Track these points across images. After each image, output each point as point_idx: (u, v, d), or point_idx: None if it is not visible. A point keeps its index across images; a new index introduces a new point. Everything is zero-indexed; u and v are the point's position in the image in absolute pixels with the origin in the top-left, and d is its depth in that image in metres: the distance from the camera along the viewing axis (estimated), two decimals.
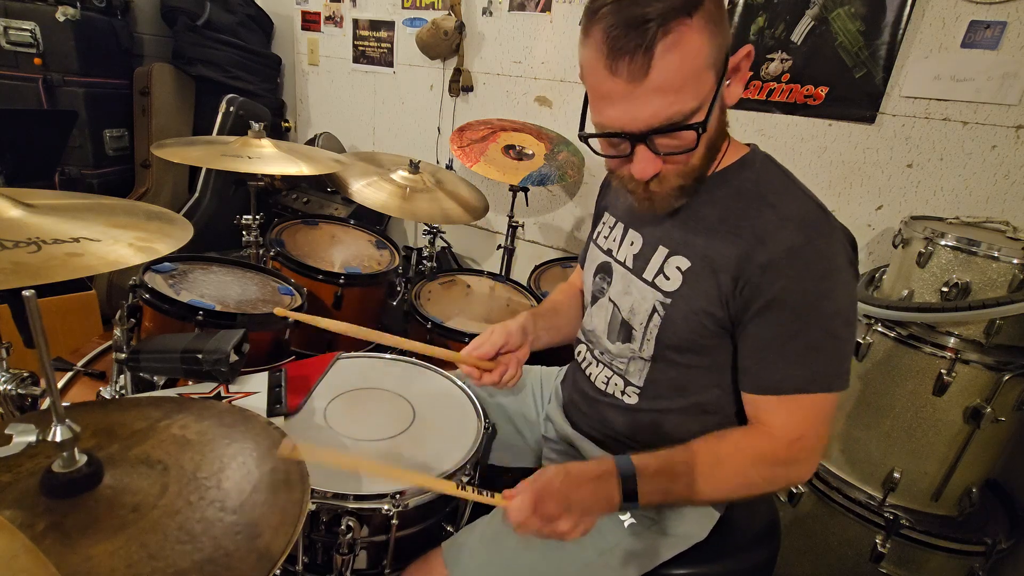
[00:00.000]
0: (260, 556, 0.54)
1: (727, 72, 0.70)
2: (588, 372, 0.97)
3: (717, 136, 0.75)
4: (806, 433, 0.74)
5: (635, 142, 0.70)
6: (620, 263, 0.90)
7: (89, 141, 2.35)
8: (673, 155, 0.71)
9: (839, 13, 1.55)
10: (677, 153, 0.70)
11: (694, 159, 0.73)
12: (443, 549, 0.88)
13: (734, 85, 0.73)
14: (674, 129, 0.67)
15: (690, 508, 0.91)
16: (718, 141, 0.76)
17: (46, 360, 0.57)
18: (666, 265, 0.81)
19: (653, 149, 0.70)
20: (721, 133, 0.76)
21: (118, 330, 1.04)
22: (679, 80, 0.64)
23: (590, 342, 0.97)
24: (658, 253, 0.83)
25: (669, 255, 0.81)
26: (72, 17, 2.15)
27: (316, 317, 0.95)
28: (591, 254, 0.99)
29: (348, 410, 1.02)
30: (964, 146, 1.47)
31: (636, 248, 0.87)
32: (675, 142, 0.70)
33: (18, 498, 0.57)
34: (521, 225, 2.09)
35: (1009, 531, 1.32)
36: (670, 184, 0.75)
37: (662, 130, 0.67)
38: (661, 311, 0.81)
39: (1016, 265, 1.14)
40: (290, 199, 2.58)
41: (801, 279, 0.71)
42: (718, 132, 0.75)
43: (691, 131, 0.67)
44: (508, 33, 2.23)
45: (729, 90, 0.72)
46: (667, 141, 0.70)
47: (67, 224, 0.74)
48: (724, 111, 0.75)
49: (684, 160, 0.72)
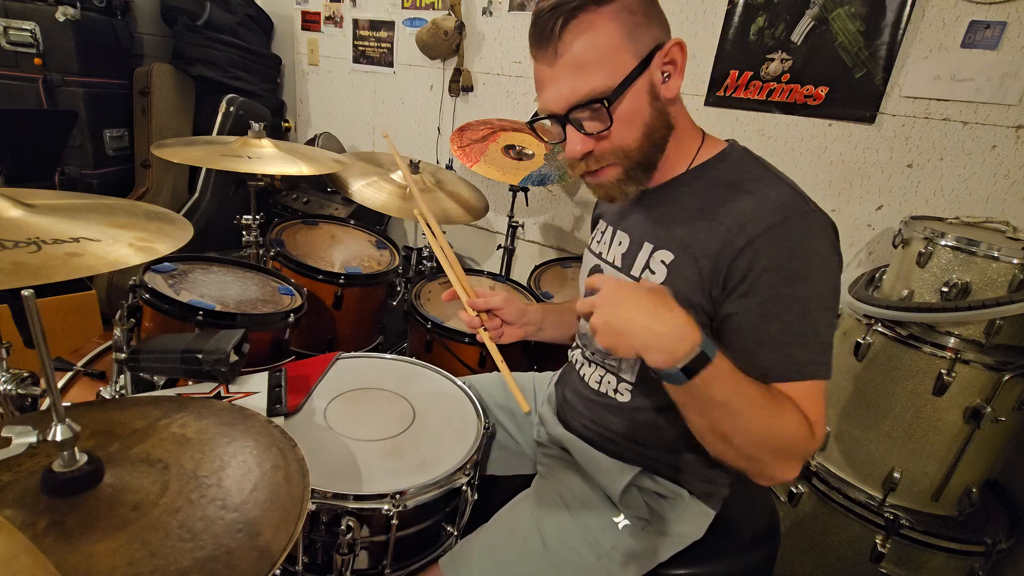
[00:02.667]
0: (261, 554, 0.54)
1: (657, 62, 0.74)
2: (582, 373, 0.97)
3: (656, 123, 0.77)
4: (819, 417, 0.70)
5: (563, 123, 0.76)
6: (609, 263, 0.91)
7: (89, 141, 2.35)
8: (596, 135, 0.75)
9: (839, 13, 1.55)
10: (598, 133, 0.75)
11: (624, 140, 0.76)
12: (441, 565, 0.88)
13: (673, 79, 0.76)
14: (588, 104, 0.73)
15: (684, 510, 0.91)
16: (658, 129, 0.77)
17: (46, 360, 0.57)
18: (651, 260, 0.82)
19: (578, 128, 0.76)
20: (663, 122, 0.77)
21: (118, 330, 1.04)
22: (590, 59, 0.71)
23: (584, 345, 0.99)
24: (643, 250, 0.84)
25: (654, 250, 0.83)
26: (72, 17, 2.15)
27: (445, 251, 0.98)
28: (585, 260, 1.01)
29: (348, 410, 1.02)
30: (964, 146, 1.47)
31: (624, 247, 0.89)
32: (595, 122, 0.75)
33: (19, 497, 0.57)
34: (521, 225, 2.09)
35: (1009, 531, 1.32)
36: (608, 168, 0.79)
37: (579, 106, 0.73)
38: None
39: (1016, 265, 1.14)
40: (290, 199, 2.58)
41: (776, 257, 0.70)
42: (658, 120, 0.77)
43: (603, 109, 0.72)
44: (508, 33, 2.23)
45: (668, 84, 0.76)
46: (588, 121, 0.75)
47: (67, 224, 0.74)
48: (667, 102, 0.77)
49: (609, 139, 0.76)
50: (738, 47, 1.72)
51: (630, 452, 0.91)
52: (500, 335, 0.98)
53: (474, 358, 1.45)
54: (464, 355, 1.46)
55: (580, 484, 0.94)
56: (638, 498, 0.90)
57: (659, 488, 0.90)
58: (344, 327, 1.64)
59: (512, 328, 0.99)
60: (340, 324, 1.63)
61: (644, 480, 0.90)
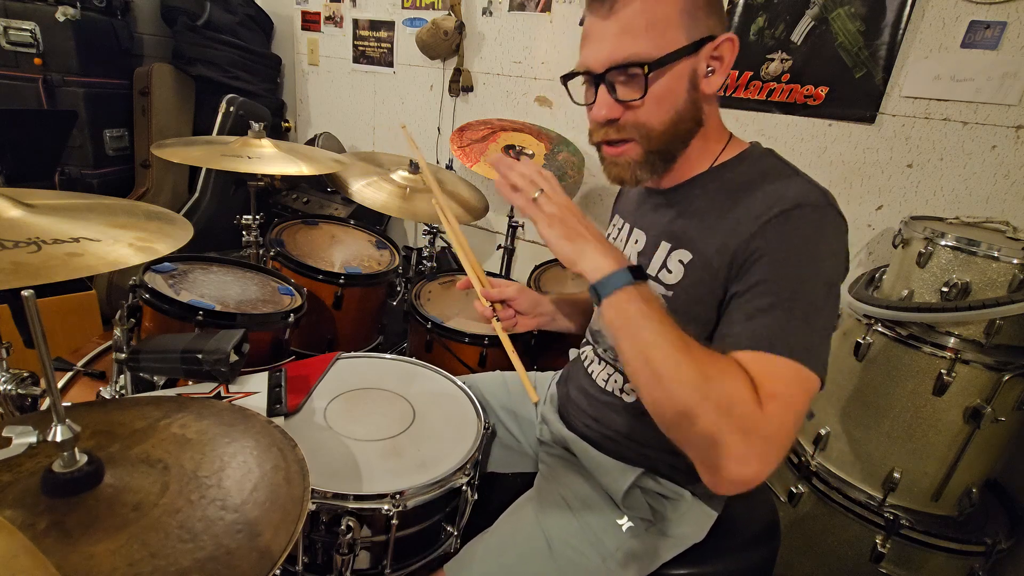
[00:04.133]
0: (261, 554, 0.54)
1: (706, 52, 0.73)
2: (590, 370, 0.97)
3: (687, 113, 0.76)
4: (780, 394, 0.61)
5: (596, 83, 0.75)
6: None
7: (89, 141, 2.35)
8: (626, 103, 0.74)
9: (839, 13, 1.55)
10: (629, 101, 0.74)
11: (652, 118, 0.75)
12: (446, 571, 0.89)
13: (716, 75, 0.75)
14: (627, 66, 0.71)
15: (686, 511, 0.91)
16: (687, 120, 0.76)
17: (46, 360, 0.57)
18: (669, 259, 0.82)
19: (611, 91, 0.74)
20: (694, 115, 0.77)
21: (118, 330, 1.04)
22: (642, 24, 0.70)
23: (596, 342, 0.98)
24: (660, 249, 0.83)
25: (672, 250, 0.82)
26: (72, 17, 2.15)
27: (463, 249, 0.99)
28: None
29: (348, 410, 1.02)
30: (964, 146, 1.47)
31: (640, 246, 0.88)
32: (629, 89, 0.74)
33: (19, 497, 0.57)
34: (521, 225, 2.09)
35: (1009, 531, 1.32)
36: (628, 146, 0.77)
37: (617, 67, 0.72)
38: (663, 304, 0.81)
39: (1016, 265, 1.14)
40: (290, 199, 2.58)
41: (784, 240, 0.69)
42: (689, 111, 0.76)
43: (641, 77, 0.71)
44: (508, 33, 2.23)
45: (710, 79, 0.75)
46: (623, 86, 0.74)
47: (67, 224, 0.73)
48: (704, 97, 0.76)
49: (637, 112, 0.74)
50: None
51: (632, 452, 0.91)
52: (514, 325, 1.00)
53: (474, 358, 1.45)
54: (464, 355, 1.46)
55: (583, 485, 0.94)
56: (641, 499, 0.90)
57: (662, 489, 0.90)
58: (344, 327, 1.64)
59: (526, 318, 1.00)
60: (340, 324, 1.63)
61: (647, 481, 0.90)
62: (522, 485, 1.02)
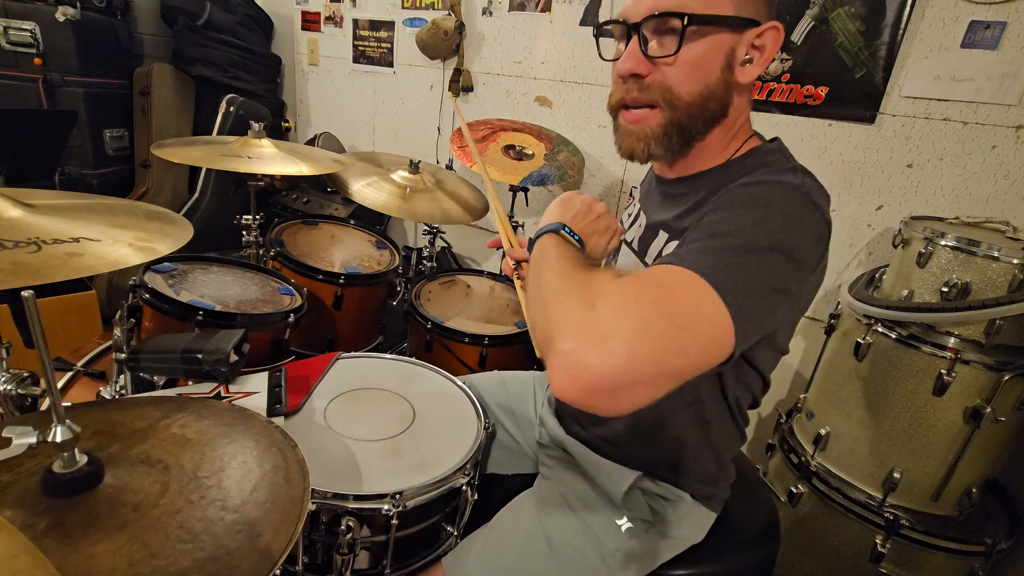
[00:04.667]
0: (261, 555, 0.54)
1: (749, 36, 0.71)
2: None
3: (716, 92, 0.73)
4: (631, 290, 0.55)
5: (629, 34, 0.72)
6: (628, 243, 0.92)
7: (89, 141, 2.35)
8: (657, 59, 0.71)
9: (839, 13, 1.55)
10: (659, 58, 0.71)
11: (679, 84, 0.71)
12: (444, 563, 0.88)
13: (753, 65, 0.73)
14: (667, 16, 0.68)
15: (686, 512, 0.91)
16: (715, 100, 0.74)
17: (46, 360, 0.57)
18: (666, 249, 0.82)
19: (643, 44, 0.71)
20: (722, 98, 0.74)
21: (118, 330, 1.04)
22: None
23: None
24: (659, 237, 0.84)
25: (668, 240, 0.82)
26: (72, 17, 2.15)
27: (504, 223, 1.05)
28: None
29: (348, 410, 1.02)
30: (964, 146, 1.47)
31: (641, 231, 0.90)
32: (663, 47, 0.71)
33: (19, 498, 0.57)
34: (521, 225, 2.09)
35: (1009, 531, 1.32)
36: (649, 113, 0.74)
37: (656, 16, 0.69)
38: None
39: (1016, 265, 1.14)
40: (290, 199, 2.58)
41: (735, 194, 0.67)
42: (719, 91, 0.73)
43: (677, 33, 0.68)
44: (508, 33, 2.23)
45: (746, 68, 0.73)
46: (656, 40, 0.71)
47: (67, 224, 0.73)
48: (736, 86, 0.74)
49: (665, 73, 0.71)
50: None
51: (630, 455, 0.91)
52: None
53: (474, 358, 1.45)
54: (464, 355, 1.46)
55: (583, 485, 0.94)
56: (641, 500, 0.90)
57: (661, 491, 0.90)
58: (344, 327, 1.64)
59: None
60: (340, 324, 1.63)
61: (646, 483, 0.90)
62: (521, 485, 1.02)
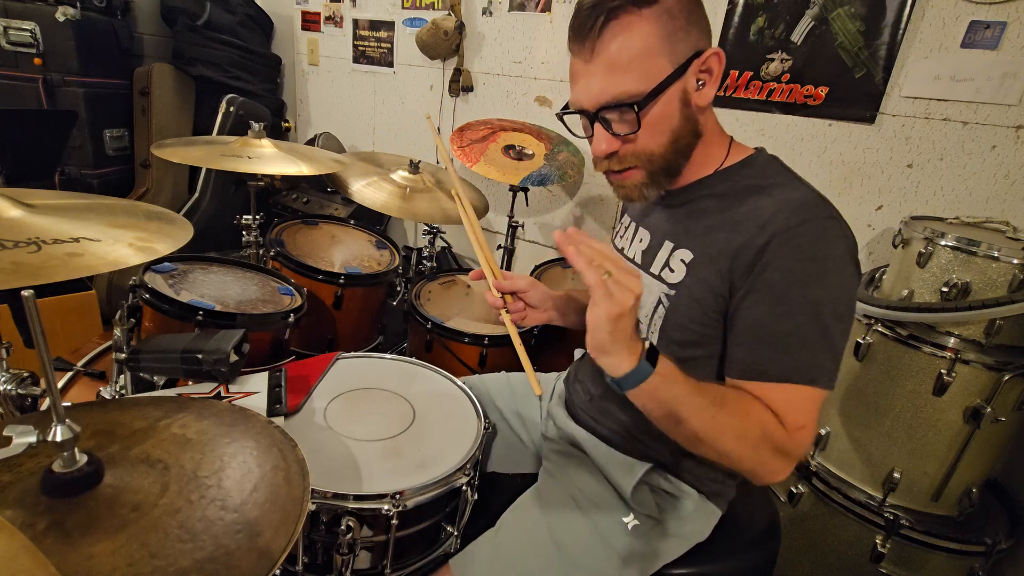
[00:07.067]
0: (261, 555, 0.54)
1: (693, 70, 0.74)
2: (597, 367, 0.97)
3: (683, 130, 0.77)
4: (808, 424, 0.70)
5: (591, 120, 0.77)
6: (630, 259, 0.92)
7: (89, 141, 2.35)
8: (623, 136, 0.76)
9: (839, 13, 1.55)
10: (625, 135, 0.76)
11: (650, 145, 0.76)
12: (451, 566, 0.89)
13: (708, 87, 0.76)
14: (618, 106, 0.73)
15: (693, 509, 0.91)
16: (685, 136, 0.77)
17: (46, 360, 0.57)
18: (671, 258, 0.83)
19: (606, 127, 0.76)
20: (691, 129, 0.78)
21: (118, 330, 1.04)
22: (624, 60, 0.71)
23: None
24: (664, 248, 0.85)
25: (674, 248, 0.83)
26: (72, 17, 2.15)
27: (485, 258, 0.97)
28: None
29: (348, 410, 1.02)
30: (964, 146, 1.47)
31: (644, 244, 0.90)
32: (623, 124, 0.75)
33: (19, 498, 0.57)
34: (521, 225, 2.09)
35: (1009, 531, 1.32)
36: (632, 171, 0.79)
37: (608, 107, 0.74)
38: (665, 302, 0.82)
39: (1016, 265, 1.14)
40: (290, 199, 2.58)
41: (791, 258, 0.70)
42: (686, 127, 0.77)
43: (632, 111, 0.73)
44: (508, 33, 2.23)
45: (702, 92, 0.76)
46: (617, 123, 0.76)
47: (67, 224, 0.73)
48: (698, 109, 0.77)
49: (634, 142, 0.76)
50: (738, 47, 1.72)
51: (641, 448, 0.91)
52: (523, 318, 1.00)
53: (474, 358, 1.45)
54: (464, 355, 1.46)
55: (590, 481, 0.95)
56: (648, 496, 0.90)
57: (669, 487, 0.91)
58: (344, 327, 1.64)
59: (536, 312, 1.00)
60: (340, 324, 1.63)
61: (655, 477, 0.90)
62: (523, 485, 1.02)
